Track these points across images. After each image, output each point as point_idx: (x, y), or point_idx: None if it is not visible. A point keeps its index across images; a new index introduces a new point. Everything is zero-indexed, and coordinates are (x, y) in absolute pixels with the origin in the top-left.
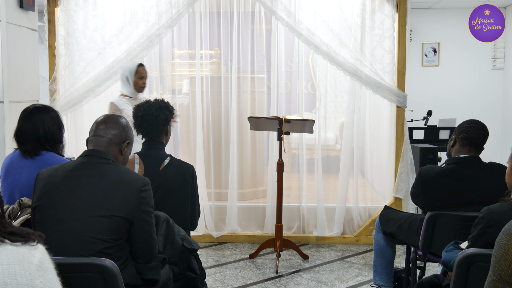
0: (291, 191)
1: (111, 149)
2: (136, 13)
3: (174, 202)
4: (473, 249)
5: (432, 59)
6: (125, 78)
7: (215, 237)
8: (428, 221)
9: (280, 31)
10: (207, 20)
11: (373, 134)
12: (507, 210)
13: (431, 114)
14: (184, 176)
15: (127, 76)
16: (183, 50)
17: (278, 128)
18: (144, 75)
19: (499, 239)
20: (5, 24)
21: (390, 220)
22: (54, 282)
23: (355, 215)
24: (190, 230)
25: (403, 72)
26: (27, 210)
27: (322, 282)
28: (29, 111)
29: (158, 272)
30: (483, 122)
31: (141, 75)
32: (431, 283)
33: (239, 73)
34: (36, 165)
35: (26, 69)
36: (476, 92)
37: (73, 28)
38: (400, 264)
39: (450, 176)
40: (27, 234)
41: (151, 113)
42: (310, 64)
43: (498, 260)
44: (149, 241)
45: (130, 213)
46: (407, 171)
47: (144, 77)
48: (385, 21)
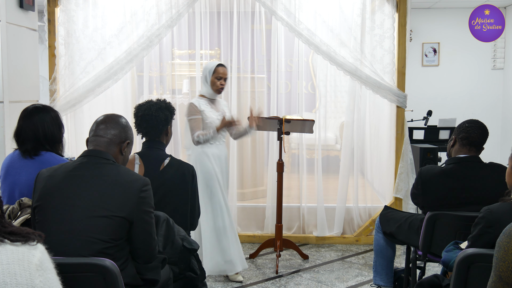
0: (291, 191)
1: (111, 149)
2: (136, 13)
3: (174, 202)
4: (473, 249)
5: (432, 59)
6: (204, 77)
7: None
8: (428, 221)
9: (280, 31)
10: (207, 20)
11: (373, 134)
12: (507, 210)
13: (431, 114)
14: (184, 176)
15: (205, 75)
16: (183, 50)
17: (278, 128)
18: (223, 76)
19: (500, 241)
20: (5, 24)
21: (390, 220)
22: (54, 281)
23: (355, 215)
24: (190, 230)
25: (403, 72)
26: (27, 210)
27: (322, 282)
28: (29, 111)
29: (158, 272)
30: (483, 122)
31: (219, 75)
32: (431, 283)
33: (239, 73)
34: (36, 165)
35: (26, 69)
36: (476, 92)
37: (73, 28)
38: (400, 264)
39: (450, 176)
40: (27, 234)
41: (151, 113)
42: (310, 64)
43: (499, 261)
44: (149, 241)
45: (130, 213)
46: (407, 171)
47: (222, 77)
48: (385, 21)
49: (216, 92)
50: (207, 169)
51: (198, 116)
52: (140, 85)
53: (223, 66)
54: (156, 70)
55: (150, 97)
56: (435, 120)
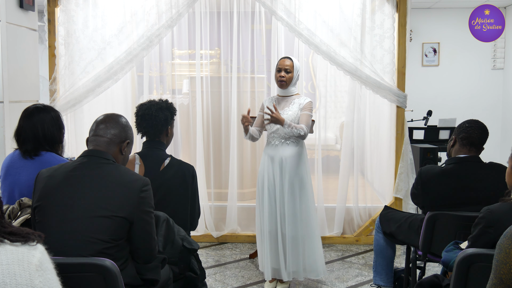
0: None
1: (111, 149)
2: (136, 13)
3: (174, 202)
4: (473, 249)
5: (432, 59)
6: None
7: (215, 237)
8: (428, 221)
9: (280, 31)
10: (207, 20)
11: (373, 134)
12: (507, 210)
13: (431, 114)
14: (185, 176)
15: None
16: (183, 50)
17: None
18: (282, 66)
19: (501, 243)
20: (5, 24)
21: (390, 220)
22: (54, 282)
23: (355, 215)
24: (190, 230)
25: (403, 72)
26: (27, 210)
27: (322, 282)
28: (30, 111)
29: (158, 272)
30: (483, 122)
31: (279, 66)
32: (431, 283)
33: (239, 73)
34: (36, 165)
35: (26, 69)
36: (476, 92)
37: (73, 28)
38: (400, 264)
39: (450, 176)
40: (27, 234)
41: (151, 113)
42: (310, 64)
43: (500, 263)
44: (149, 241)
45: (130, 214)
46: (407, 171)
47: (282, 69)
48: (385, 21)
49: (279, 85)
50: (259, 170)
51: (259, 113)
52: (140, 85)
53: (285, 58)
54: (156, 70)
55: (152, 97)
56: (435, 120)
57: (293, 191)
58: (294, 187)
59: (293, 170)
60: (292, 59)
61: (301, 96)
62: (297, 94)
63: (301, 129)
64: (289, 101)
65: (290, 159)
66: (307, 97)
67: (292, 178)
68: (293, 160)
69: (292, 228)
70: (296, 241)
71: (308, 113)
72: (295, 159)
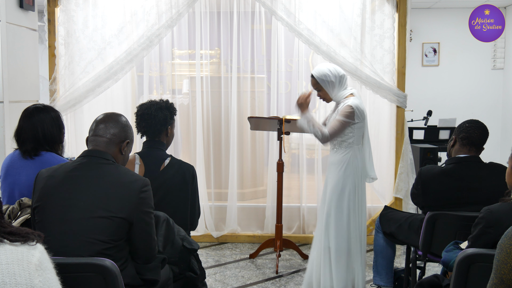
0: (291, 191)
1: (111, 148)
2: (136, 13)
3: (174, 202)
4: (473, 249)
5: (432, 59)
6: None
7: (215, 237)
8: (428, 221)
9: (280, 31)
10: (207, 20)
11: (373, 134)
12: (507, 210)
13: (431, 114)
14: (185, 176)
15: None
16: (183, 50)
17: (278, 128)
18: (312, 88)
19: (502, 243)
20: (5, 24)
21: (390, 220)
22: (54, 281)
23: None
24: (190, 230)
25: (403, 72)
26: (27, 210)
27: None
28: (30, 111)
29: (158, 272)
30: (483, 122)
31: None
32: (431, 283)
33: (239, 73)
34: (36, 165)
35: (26, 69)
36: (476, 92)
37: (73, 28)
38: (400, 264)
39: (450, 176)
40: (26, 234)
41: (151, 113)
42: (310, 64)
43: (500, 263)
44: (149, 241)
45: (129, 214)
46: (407, 171)
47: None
48: (385, 21)
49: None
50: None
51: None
52: (140, 85)
53: (311, 77)
54: (156, 70)
55: (152, 97)
56: (435, 120)
57: (330, 202)
58: (332, 198)
59: (331, 179)
60: (313, 74)
61: (349, 99)
62: (348, 97)
63: (318, 131)
64: (338, 106)
65: (331, 167)
66: (350, 99)
67: (331, 190)
68: (332, 168)
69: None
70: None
71: (338, 117)
72: (335, 167)
